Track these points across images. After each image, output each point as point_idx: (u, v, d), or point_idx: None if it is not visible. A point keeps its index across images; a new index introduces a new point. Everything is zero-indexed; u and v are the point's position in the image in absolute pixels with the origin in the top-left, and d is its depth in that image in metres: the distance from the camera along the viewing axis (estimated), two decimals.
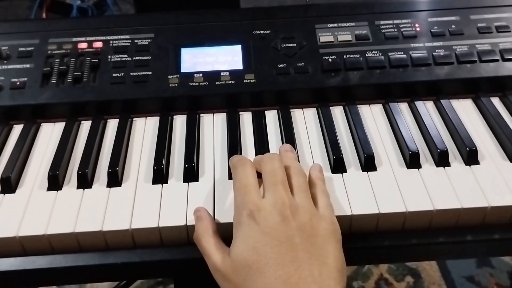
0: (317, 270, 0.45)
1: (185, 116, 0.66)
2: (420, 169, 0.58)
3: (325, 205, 0.51)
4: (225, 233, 0.52)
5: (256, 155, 0.61)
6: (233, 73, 0.67)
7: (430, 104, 0.67)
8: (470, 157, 0.59)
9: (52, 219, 0.54)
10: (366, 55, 0.68)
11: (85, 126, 0.66)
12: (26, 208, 0.55)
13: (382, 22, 0.72)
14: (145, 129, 0.65)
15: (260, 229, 0.46)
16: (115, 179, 0.58)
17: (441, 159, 0.59)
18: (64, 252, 0.54)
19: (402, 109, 0.66)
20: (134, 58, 0.68)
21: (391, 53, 0.68)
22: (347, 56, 0.68)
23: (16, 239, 0.53)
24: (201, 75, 0.67)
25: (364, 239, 0.55)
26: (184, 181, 0.58)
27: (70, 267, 0.53)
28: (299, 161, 0.59)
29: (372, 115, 0.66)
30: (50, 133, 0.65)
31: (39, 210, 0.55)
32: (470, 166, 0.58)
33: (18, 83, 0.66)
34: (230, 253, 0.48)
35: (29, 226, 0.53)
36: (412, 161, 0.58)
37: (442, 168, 0.58)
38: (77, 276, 0.55)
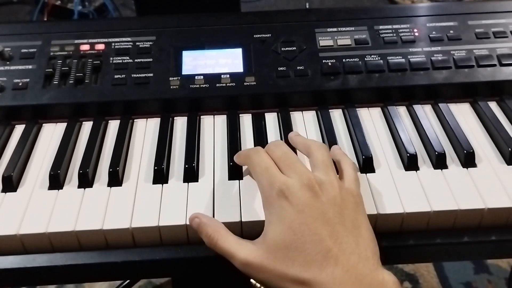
0: (354, 241, 0.46)
1: (186, 117, 0.67)
2: (418, 171, 0.59)
3: (352, 178, 0.52)
4: None
5: None
6: (233, 75, 0.68)
7: (428, 108, 0.68)
8: (468, 159, 0.59)
9: (53, 218, 0.54)
10: (365, 59, 0.69)
11: (87, 126, 0.67)
12: (27, 207, 0.56)
13: (381, 27, 0.73)
14: (146, 130, 0.66)
15: (293, 208, 0.47)
16: (115, 179, 0.58)
17: (439, 162, 0.59)
18: (64, 250, 0.54)
19: (401, 112, 0.67)
20: (135, 60, 0.69)
21: (390, 58, 0.69)
22: (347, 60, 0.69)
23: (16, 237, 0.53)
24: (202, 77, 0.68)
25: None
26: (184, 181, 0.58)
27: (70, 265, 0.53)
28: None
29: (371, 118, 0.67)
30: (51, 134, 0.66)
31: (40, 208, 0.55)
32: (467, 168, 0.59)
33: (20, 84, 0.67)
34: (265, 238, 0.48)
35: (30, 224, 0.54)
36: (410, 163, 0.59)
37: (440, 170, 0.59)
38: (77, 274, 0.55)
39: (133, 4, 1.92)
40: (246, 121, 0.67)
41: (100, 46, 0.71)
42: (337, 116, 0.68)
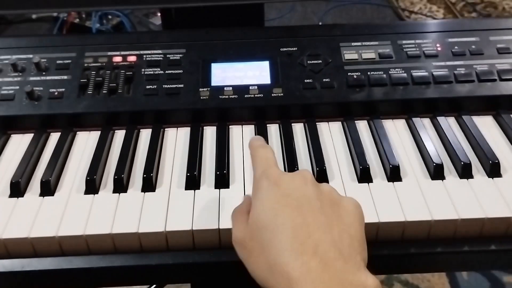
0: (338, 235, 0.43)
1: (215, 127, 0.69)
2: (444, 180, 0.60)
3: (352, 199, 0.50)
4: None
5: (284, 165, 0.63)
6: (261, 87, 0.70)
7: (452, 120, 0.70)
8: (493, 169, 0.61)
9: (90, 221, 0.56)
10: (390, 72, 0.71)
11: (119, 135, 0.69)
12: (65, 210, 0.58)
13: (404, 42, 0.74)
14: (176, 139, 0.68)
15: (280, 192, 0.46)
16: (149, 184, 0.60)
17: (465, 171, 0.60)
18: (100, 253, 0.56)
19: (425, 124, 0.69)
20: (166, 72, 0.71)
21: (414, 71, 0.71)
22: (371, 73, 0.71)
23: (55, 239, 0.55)
24: (230, 88, 0.70)
25: (389, 247, 0.56)
26: (215, 188, 0.60)
27: (105, 267, 0.55)
28: (326, 173, 0.61)
29: (396, 129, 0.68)
30: (85, 141, 0.68)
31: (77, 212, 0.57)
32: (492, 178, 0.60)
33: (56, 93, 0.69)
34: (249, 219, 0.47)
35: (68, 226, 0.56)
36: (436, 172, 0.60)
37: (466, 180, 0.60)
38: (112, 277, 0.57)
39: (149, 23, 1.96)
40: (273, 131, 0.69)
41: (132, 58, 0.73)
42: (362, 127, 0.69)
